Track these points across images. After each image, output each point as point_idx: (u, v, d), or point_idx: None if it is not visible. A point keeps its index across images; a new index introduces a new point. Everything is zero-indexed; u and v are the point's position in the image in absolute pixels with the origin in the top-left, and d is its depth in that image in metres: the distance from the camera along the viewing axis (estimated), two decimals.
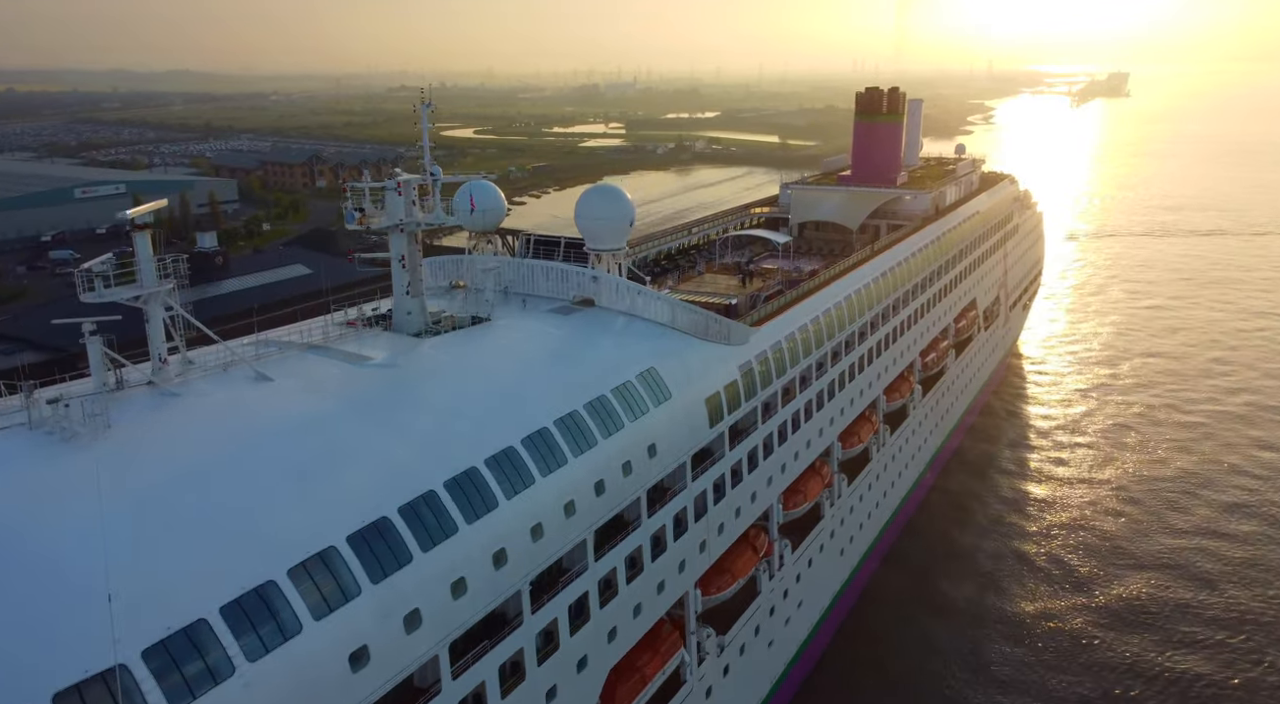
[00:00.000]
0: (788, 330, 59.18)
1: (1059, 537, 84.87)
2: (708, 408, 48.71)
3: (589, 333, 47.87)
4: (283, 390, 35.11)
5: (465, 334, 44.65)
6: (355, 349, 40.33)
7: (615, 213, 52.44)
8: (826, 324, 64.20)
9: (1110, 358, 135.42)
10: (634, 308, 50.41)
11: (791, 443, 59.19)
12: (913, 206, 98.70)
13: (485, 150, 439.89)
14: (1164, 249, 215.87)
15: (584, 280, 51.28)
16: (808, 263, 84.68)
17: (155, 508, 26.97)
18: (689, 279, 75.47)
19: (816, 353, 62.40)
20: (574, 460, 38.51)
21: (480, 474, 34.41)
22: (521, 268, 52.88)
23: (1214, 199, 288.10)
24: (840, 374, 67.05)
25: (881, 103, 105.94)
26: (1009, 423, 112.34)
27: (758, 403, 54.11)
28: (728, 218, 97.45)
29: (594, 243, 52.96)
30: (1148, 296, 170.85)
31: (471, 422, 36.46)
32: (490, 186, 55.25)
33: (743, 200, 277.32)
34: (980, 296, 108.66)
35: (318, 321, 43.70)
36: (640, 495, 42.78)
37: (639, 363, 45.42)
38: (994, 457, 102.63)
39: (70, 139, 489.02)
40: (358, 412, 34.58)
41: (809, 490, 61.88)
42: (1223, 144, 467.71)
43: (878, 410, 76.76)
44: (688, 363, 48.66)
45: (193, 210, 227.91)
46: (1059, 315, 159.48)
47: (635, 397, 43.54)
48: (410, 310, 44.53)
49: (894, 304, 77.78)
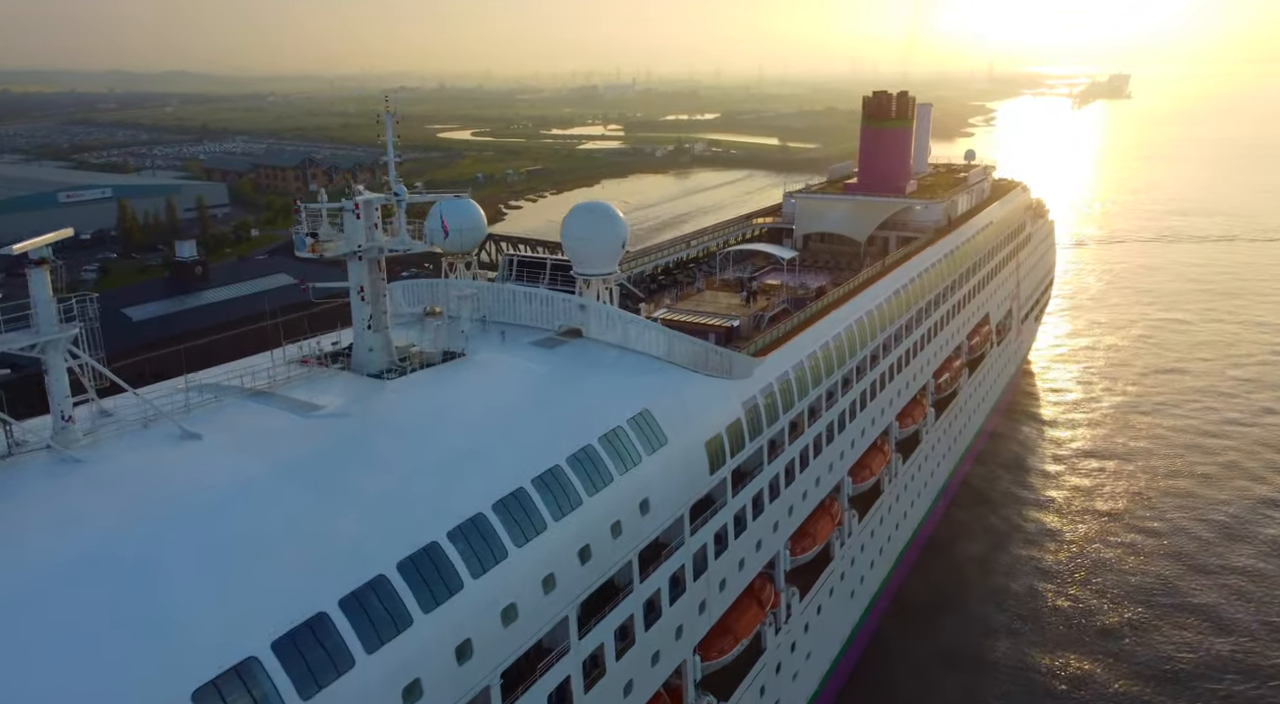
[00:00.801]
0: (795, 359, 54.14)
1: (1079, 575, 79.49)
2: (708, 452, 43.66)
3: (575, 369, 42.79)
4: (211, 451, 30.02)
5: (435, 373, 39.56)
6: (305, 395, 35.24)
7: (605, 234, 47.26)
8: (837, 350, 59.15)
9: (1126, 373, 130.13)
10: (626, 339, 45.34)
11: (800, 482, 54.14)
12: (924, 217, 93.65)
13: (482, 152, 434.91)
14: (1175, 255, 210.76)
15: (570, 309, 46.21)
16: (813, 278, 79.68)
17: (29, 615, 21.92)
18: (687, 297, 70.44)
19: (826, 382, 57.38)
20: (555, 525, 33.44)
21: (441, 550, 29.32)
22: (502, 294, 47.77)
23: (1223, 204, 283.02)
24: (852, 403, 62.01)
25: (890, 107, 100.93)
26: (1021, 445, 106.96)
27: (763, 442, 49.07)
28: (729, 229, 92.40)
29: (582, 267, 47.84)
30: (1162, 306, 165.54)
31: (434, 485, 31.35)
32: (468, 204, 50.19)
33: (742, 204, 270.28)
34: (993, 311, 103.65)
35: (263, 359, 38.63)
36: (631, 558, 37.71)
37: (631, 404, 40.36)
38: (1007, 483, 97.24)
39: (63, 141, 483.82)
40: (297, 478, 29.43)
41: (818, 532, 56.81)
42: (1232, 147, 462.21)
43: (890, 438, 71.70)
44: (685, 402, 43.61)
45: (180, 215, 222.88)
46: (1069, 326, 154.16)
47: (626, 445, 38.47)
48: (372, 347, 39.43)
49: (907, 324, 72.77)
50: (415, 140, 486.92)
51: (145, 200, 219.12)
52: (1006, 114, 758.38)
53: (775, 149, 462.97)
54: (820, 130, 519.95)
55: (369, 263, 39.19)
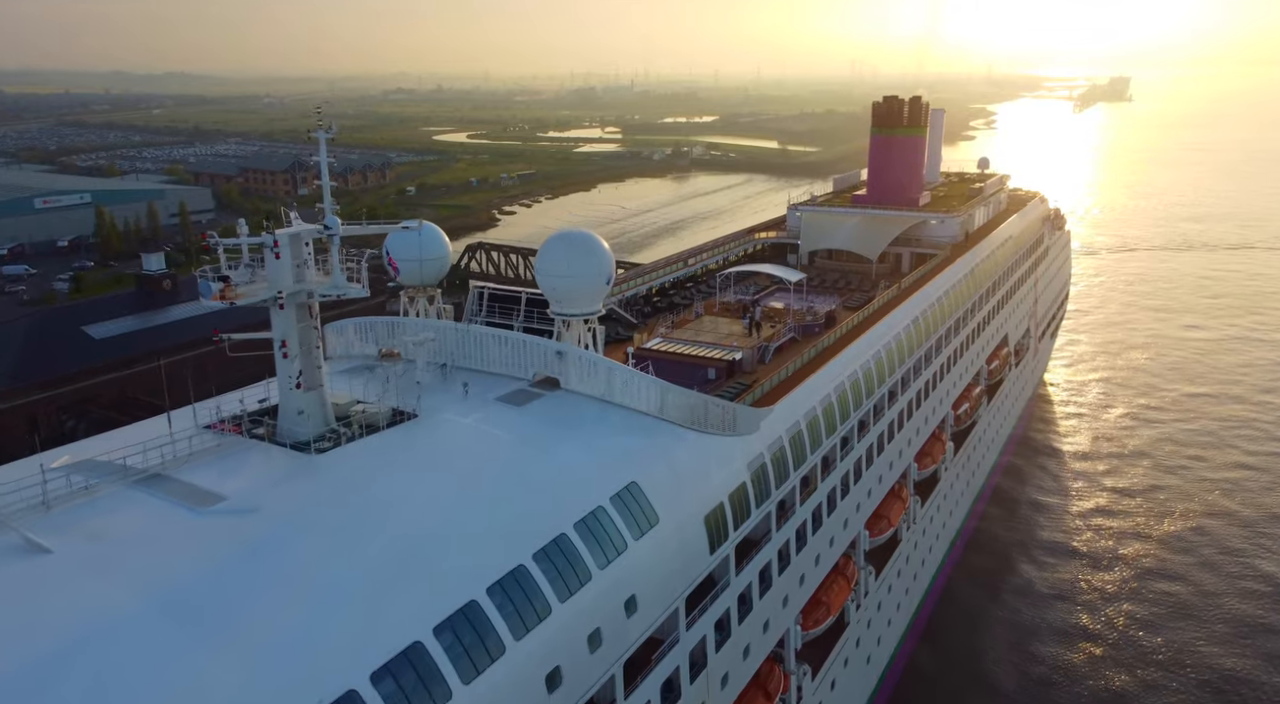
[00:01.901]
0: (808, 404, 47.38)
1: (1110, 636, 72.71)
2: (708, 528, 36.89)
3: (549, 433, 35.97)
4: (60, 575, 23.18)
5: (377, 443, 32.73)
6: (207, 479, 28.43)
7: (587, 269, 40.34)
8: (853, 390, 52.39)
9: (1148, 389, 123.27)
10: (610, 391, 38.51)
11: (812, 546, 47.38)
12: (939, 233, 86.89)
13: (477, 156, 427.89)
14: (1191, 264, 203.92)
15: (547, 355, 39.38)
16: (822, 300, 72.96)
17: None
18: (684, 323, 63.66)
19: (842, 428, 50.65)
20: (515, 646, 26.65)
21: (363, 702, 22.52)
22: (468, 337, 40.89)
23: (1236, 209, 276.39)
24: (869, 448, 55.25)
25: (901, 113, 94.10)
26: (1040, 476, 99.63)
27: (771, 506, 42.32)
28: (729, 245, 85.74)
29: (561, 306, 41.00)
30: (1180, 317, 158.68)
31: (356, 609, 24.46)
32: (429, 232, 43.47)
33: (742, 209, 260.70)
34: (1011, 331, 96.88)
35: (167, 424, 31.79)
36: (615, 672, 30.94)
37: (615, 476, 33.60)
38: (1027, 521, 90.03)
39: (51, 143, 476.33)
40: (171, 615, 22.50)
41: (832, 600, 50.04)
42: (1239, 151, 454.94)
43: (908, 481, 64.94)
44: (681, 469, 36.85)
45: (162, 221, 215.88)
46: (1085, 342, 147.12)
47: (609, 530, 31.71)
48: (302, 409, 32.65)
49: (926, 353, 66.03)
50: (411, 143, 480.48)
51: (126, 206, 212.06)
52: (1007, 117, 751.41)
53: (775, 152, 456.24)
54: (820, 133, 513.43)
55: (296, 309, 32.42)
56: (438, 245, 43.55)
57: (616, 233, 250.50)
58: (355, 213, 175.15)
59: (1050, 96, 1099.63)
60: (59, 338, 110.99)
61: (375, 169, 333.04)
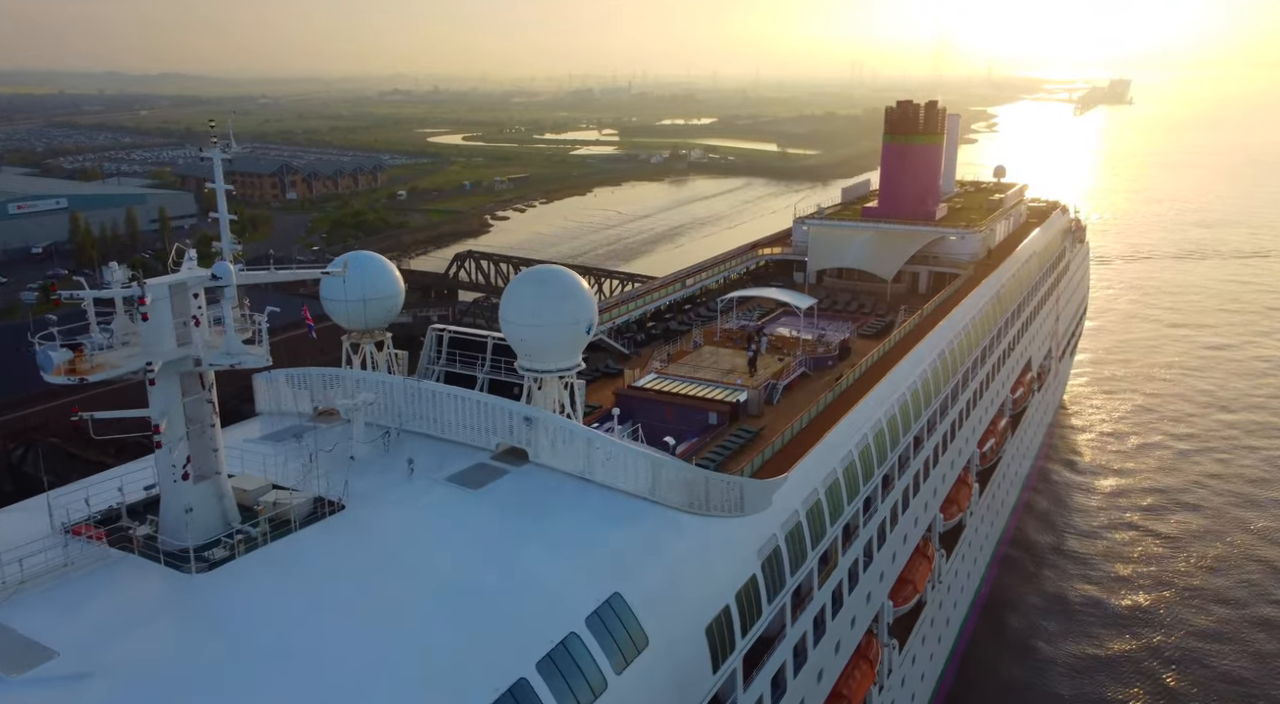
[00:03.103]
0: (828, 466, 40.24)
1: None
2: (711, 640, 29.76)
3: (510, 528, 28.74)
4: None
5: (286, 550, 25.51)
6: (35, 622, 21.21)
7: (563, 315, 32.75)
8: (878, 443, 45.27)
9: (1177, 414, 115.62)
10: (590, 467, 31.28)
11: (832, 632, 40.22)
12: (959, 249, 79.95)
13: (471, 159, 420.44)
14: (1207, 273, 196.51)
15: (513, 420, 32.16)
16: (833, 326, 66.00)
17: None
18: (682, 356, 56.64)
19: (866, 488, 43.54)
20: None
21: None
22: (418, 397, 33.63)
23: (1248, 215, 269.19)
24: (894, 506, 48.15)
25: (917, 120, 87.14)
26: (1067, 513, 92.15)
27: (786, 598, 35.20)
28: (731, 263, 78.77)
29: (531, 361, 33.71)
30: (1202, 332, 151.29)
31: None
32: (375, 264, 36.26)
33: (742, 214, 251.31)
34: (1034, 354, 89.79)
35: (13, 521, 24.65)
36: None
37: (593, 588, 26.46)
38: (1055, 569, 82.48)
39: (40, 144, 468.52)
40: None
41: (854, 692, 42.86)
42: (1246, 155, 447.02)
43: (934, 535, 57.81)
44: (677, 568, 29.70)
45: (142, 227, 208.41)
46: (1103, 356, 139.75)
47: (583, 667, 24.55)
48: (190, 506, 25.46)
49: (953, 391, 58.95)
50: (405, 145, 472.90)
51: (104, 211, 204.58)
52: (1008, 119, 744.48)
53: (774, 156, 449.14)
54: (820, 136, 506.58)
55: (182, 380, 25.26)
56: (385, 282, 36.21)
57: (612, 239, 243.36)
58: (344, 218, 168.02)
59: (1050, 99, 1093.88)
60: (16, 355, 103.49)
61: (366, 172, 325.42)
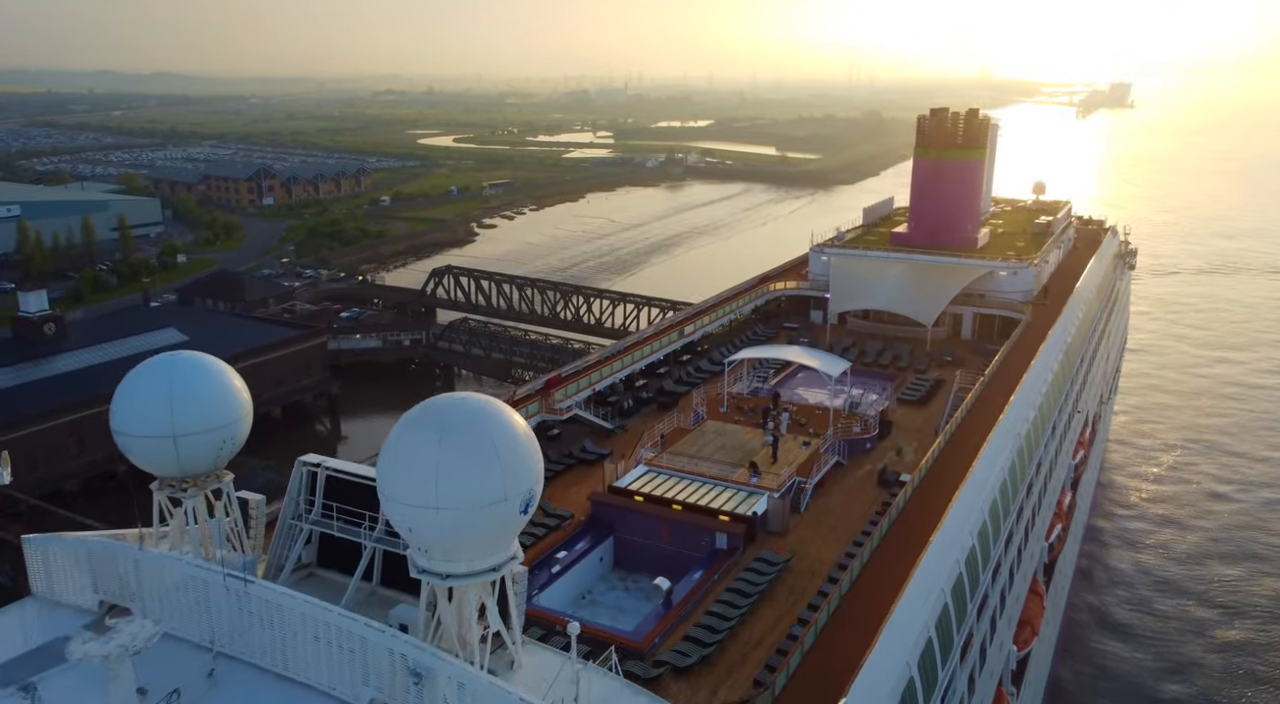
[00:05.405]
0: (899, 660, 27.23)
1: None
2: None
3: None
4: None
5: None
6: None
7: (486, 490, 18.79)
8: (956, 595, 32.25)
9: (1234, 458, 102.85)
10: None
11: None
12: (1010, 286, 67.15)
13: (461, 161, 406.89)
14: (1238, 289, 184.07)
15: (395, 670, 18.97)
16: (865, 386, 53.50)
17: None
18: (680, 436, 43.90)
19: (944, 673, 30.51)
20: None
21: None
22: (247, 607, 20.43)
23: (1267, 224, 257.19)
24: (971, 673, 35.12)
25: (956, 132, 74.44)
26: (1122, 588, 79.19)
27: None
28: (737, 302, 65.98)
29: (430, 559, 20.29)
30: (1248, 359, 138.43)
31: None
32: (198, 369, 23.21)
33: (742, 223, 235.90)
34: (1089, 406, 76.92)
35: None
36: None
37: None
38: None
39: (15, 146, 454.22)
40: None
41: None
42: (1261, 161, 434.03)
43: (1005, 671, 44.78)
44: None
45: (101, 236, 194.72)
46: (1142, 388, 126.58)
47: None
48: None
49: (1030, 483, 46.04)
50: (394, 147, 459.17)
51: (61, 219, 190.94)
52: (1010, 123, 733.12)
53: (773, 160, 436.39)
54: (820, 139, 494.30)
55: None
56: (213, 402, 22.96)
57: (604, 250, 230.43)
58: (319, 226, 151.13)
59: (1050, 102, 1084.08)
60: None
61: (349, 176, 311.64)
